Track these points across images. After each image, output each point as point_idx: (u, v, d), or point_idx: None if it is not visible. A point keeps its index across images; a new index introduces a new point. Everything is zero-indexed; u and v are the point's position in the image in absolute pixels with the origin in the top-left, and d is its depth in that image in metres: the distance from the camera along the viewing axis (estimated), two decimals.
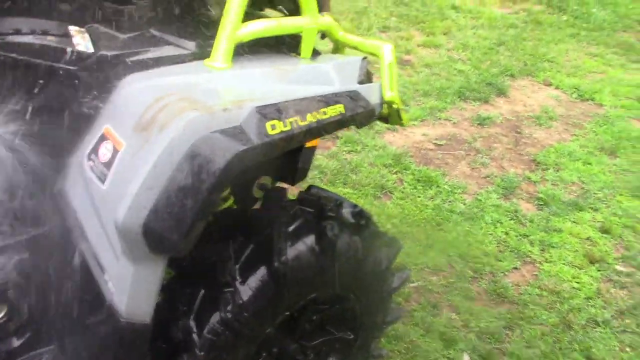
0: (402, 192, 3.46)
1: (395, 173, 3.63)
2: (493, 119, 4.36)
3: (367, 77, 1.70)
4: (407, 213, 3.29)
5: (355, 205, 1.80)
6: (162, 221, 1.23)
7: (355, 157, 3.73)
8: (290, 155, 1.97)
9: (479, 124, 4.29)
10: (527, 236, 3.22)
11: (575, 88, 4.89)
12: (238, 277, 1.54)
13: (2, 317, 1.54)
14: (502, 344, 2.58)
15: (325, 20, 1.76)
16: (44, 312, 1.57)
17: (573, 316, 2.75)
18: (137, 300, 1.34)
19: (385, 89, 1.69)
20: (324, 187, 2.46)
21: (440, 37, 5.43)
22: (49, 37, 1.34)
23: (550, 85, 4.96)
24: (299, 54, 1.71)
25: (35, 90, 1.34)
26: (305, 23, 1.67)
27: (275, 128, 1.33)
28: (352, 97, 1.55)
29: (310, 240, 1.62)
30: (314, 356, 1.94)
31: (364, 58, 1.70)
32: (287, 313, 1.69)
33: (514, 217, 3.36)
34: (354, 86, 1.59)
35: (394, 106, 1.77)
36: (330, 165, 3.59)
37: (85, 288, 1.46)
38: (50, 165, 1.45)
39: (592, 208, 3.50)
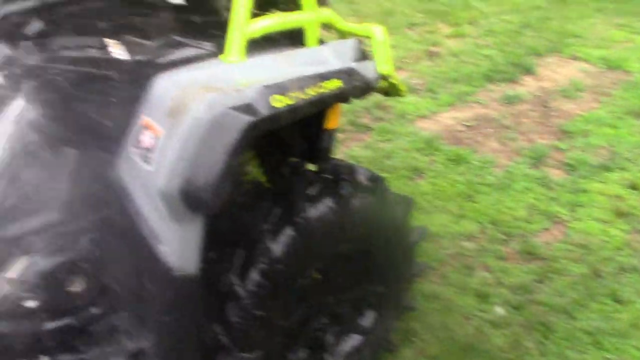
0: (434, 172, 3.68)
1: (427, 155, 3.85)
2: (521, 96, 4.52)
3: (362, 56, 1.96)
4: (439, 189, 3.51)
5: (367, 170, 2.07)
6: (195, 185, 1.53)
7: (389, 145, 3.97)
8: (314, 138, 2.24)
9: (507, 103, 4.46)
10: (556, 199, 3.39)
11: (603, 59, 4.99)
12: (269, 236, 1.82)
13: (80, 288, 1.87)
14: (534, 295, 2.76)
15: (325, 13, 2.04)
16: (114, 282, 1.89)
17: (602, 266, 2.91)
18: (186, 254, 1.63)
19: (379, 64, 1.95)
20: None
21: (466, 27, 5.62)
22: (92, 50, 1.67)
23: (577, 59, 5.07)
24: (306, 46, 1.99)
25: (86, 94, 1.66)
26: (307, 17, 1.96)
27: (281, 102, 1.61)
28: (348, 73, 1.82)
29: (328, 200, 1.90)
30: (351, 308, 2.21)
31: (358, 40, 1.96)
32: (318, 266, 1.96)
33: (543, 184, 3.53)
34: (350, 64, 1.86)
35: (391, 80, 2.03)
36: (365, 155, 3.85)
37: (144, 257, 1.77)
38: (106, 155, 1.77)
39: (620, 168, 3.63)
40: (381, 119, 4.27)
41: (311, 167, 2.10)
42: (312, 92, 1.68)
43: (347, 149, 3.91)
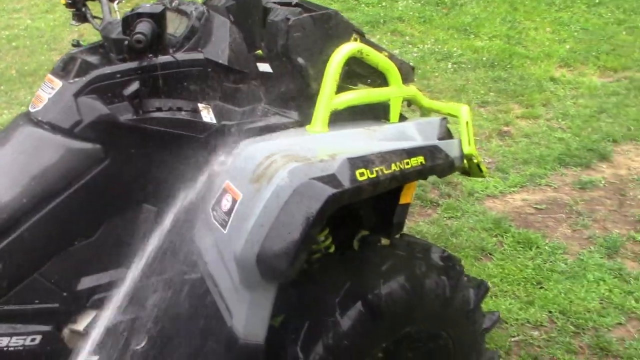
0: (502, 254, 3.57)
1: (495, 236, 3.75)
2: (595, 183, 4.39)
3: (447, 135, 1.94)
4: (507, 273, 3.39)
5: (442, 250, 2.01)
6: (272, 252, 1.51)
7: (456, 223, 3.89)
8: (386, 212, 2.20)
9: (580, 188, 4.33)
10: (632, 293, 3.22)
11: None
12: (338, 310, 1.77)
13: (144, 346, 1.85)
14: None
15: (410, 89, 2.04)
16: (176, 341, 1.86)
17: None
18: (253, 323, 1.60)
19: (464, 144, 1.92)
20: None
21: (539, 108, 5.55)
22: (183, 112, 1.71)
23: None
24: (388, 120, 1.98)
25: (171, 155, 1.69)
26: (392, 92, 1.96)
27: (364, 175, 1.59)
28: (432, 150, 1.79)
29: (401, 278, 1.84)
30: None
31: (443, 118, 1.95)
32: (384, 345, 1.88)
33: (618, 276, 3.36)
34: (434, 142, 1.84)
35: (474, 160, 2.00)
36: (431, 230, 3.78)
37: (210, 321, 1.74)
38: (185, 216, 1.78)
39: None
40: (449, 195, 4.21)
41: (384, 241, 2.06)
42: (395, 167, 1.66)
43: (413, 224, 3.85)
